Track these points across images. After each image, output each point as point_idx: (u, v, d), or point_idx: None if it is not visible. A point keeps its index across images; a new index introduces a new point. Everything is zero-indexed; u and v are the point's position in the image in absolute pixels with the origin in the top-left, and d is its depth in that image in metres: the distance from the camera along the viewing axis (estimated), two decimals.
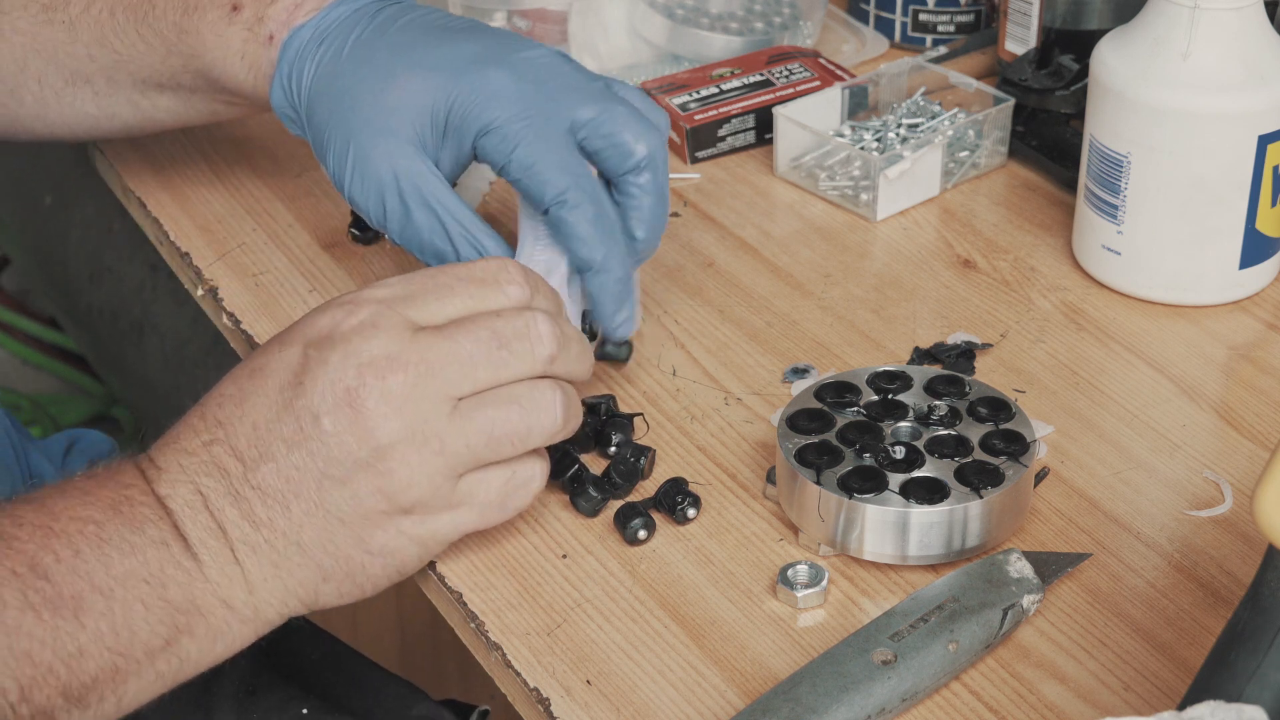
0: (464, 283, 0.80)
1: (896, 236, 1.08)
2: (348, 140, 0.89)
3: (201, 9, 0.96)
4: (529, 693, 0.77)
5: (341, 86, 0.91)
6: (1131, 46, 0.97)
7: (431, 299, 0.79)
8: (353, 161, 0.89)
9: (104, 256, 1.94)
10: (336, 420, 0.76)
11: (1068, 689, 0.77)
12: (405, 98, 0.89)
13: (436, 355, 0.77)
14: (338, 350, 0.77)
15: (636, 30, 1.25)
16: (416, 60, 0.89)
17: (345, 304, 0.79)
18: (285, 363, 0.78)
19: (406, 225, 0.89)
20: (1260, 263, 1.00)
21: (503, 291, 0.80)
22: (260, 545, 0.77)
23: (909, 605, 0.78)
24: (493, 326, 0.79)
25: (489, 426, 0.78)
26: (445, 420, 0.77)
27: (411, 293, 0.79)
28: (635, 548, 0.85)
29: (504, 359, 0.78)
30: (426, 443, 0.77)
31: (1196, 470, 0.89)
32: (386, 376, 0.76)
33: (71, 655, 0.72)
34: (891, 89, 1.16)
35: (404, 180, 0.88)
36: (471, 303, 0.80)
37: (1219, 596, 0.81)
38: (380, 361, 0.77)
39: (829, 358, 0.97)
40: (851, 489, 0.81)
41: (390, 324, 0.78)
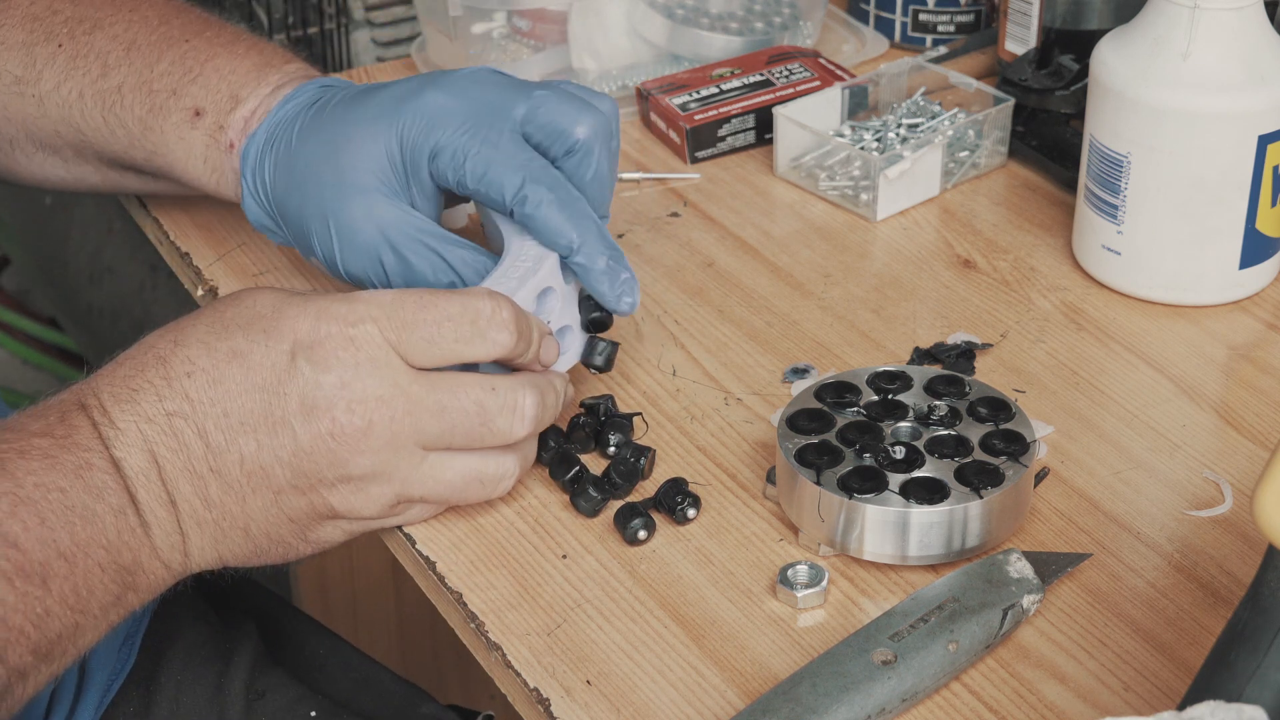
0: (450, 322, 0.80)
1: (896, 236, 1.08)
2: (324, 217, 0.90)
3: (165, 110, 0.96)
4: (529, 693, 0.77)
5: (300, 170, 0.91)
6: (1131, 46, 0.97)
7: (419, 335, 0.80)
8: (336, 234, 0.90)
9: (104, 256, 1.94)
10: (314, 442, 0.79)
11: (1068, 689, 0.77)
12: (359, 153, 0.90)
13: (423, 408, 0.80)
14: (331, 374, 0.79)
15: (636, 30, 1.25)
16: (357, 117, 0.91)
17: (338, 318, 0.79)
18: (270, 361, 0.79)
19: (409, 274, 0.89)
20: (1260, 263, 1.00)
21: (484, 339, 0.81)
22: (207, 522, 0.79)
23: (909, 605, 0.78)
24: (480, 400, 0.81)
25: (450, 488, 0.83)
26: (413, 466, 0.81)
27: (403, 321, 0.80)
28: (635, 548, 0.85)
29: (483, 435, 0.82)
30: (390, 481, 0.81)
31: (1196, 470, 0.89)
32: (373, 417, 0.79)
33: (39, 617, 0.75)
34: (891, 89, 1.16)
35: (391, 231, 0.89)
36: (455, 346, 0.80)
37: (1219, 596, 0.81)
38: (371, 401, 0.79)
39: (829, 358, 0.97)
40: (851, 489, 0.81)
41: (386, 361, 0.79)
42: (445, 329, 0.80)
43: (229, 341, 0.79)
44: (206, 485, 0.79)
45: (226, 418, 0.78)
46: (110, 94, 0.98)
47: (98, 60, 0.98)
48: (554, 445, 0.89)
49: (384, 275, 0.90)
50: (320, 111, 0.92)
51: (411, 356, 0.80)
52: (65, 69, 0.98)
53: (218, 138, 0.95)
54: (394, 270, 0.89)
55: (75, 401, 0.79)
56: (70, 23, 0.99)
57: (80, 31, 0.99)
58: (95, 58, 0.98)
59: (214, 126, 0.95)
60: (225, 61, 0.96)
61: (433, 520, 0.86)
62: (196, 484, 0.79)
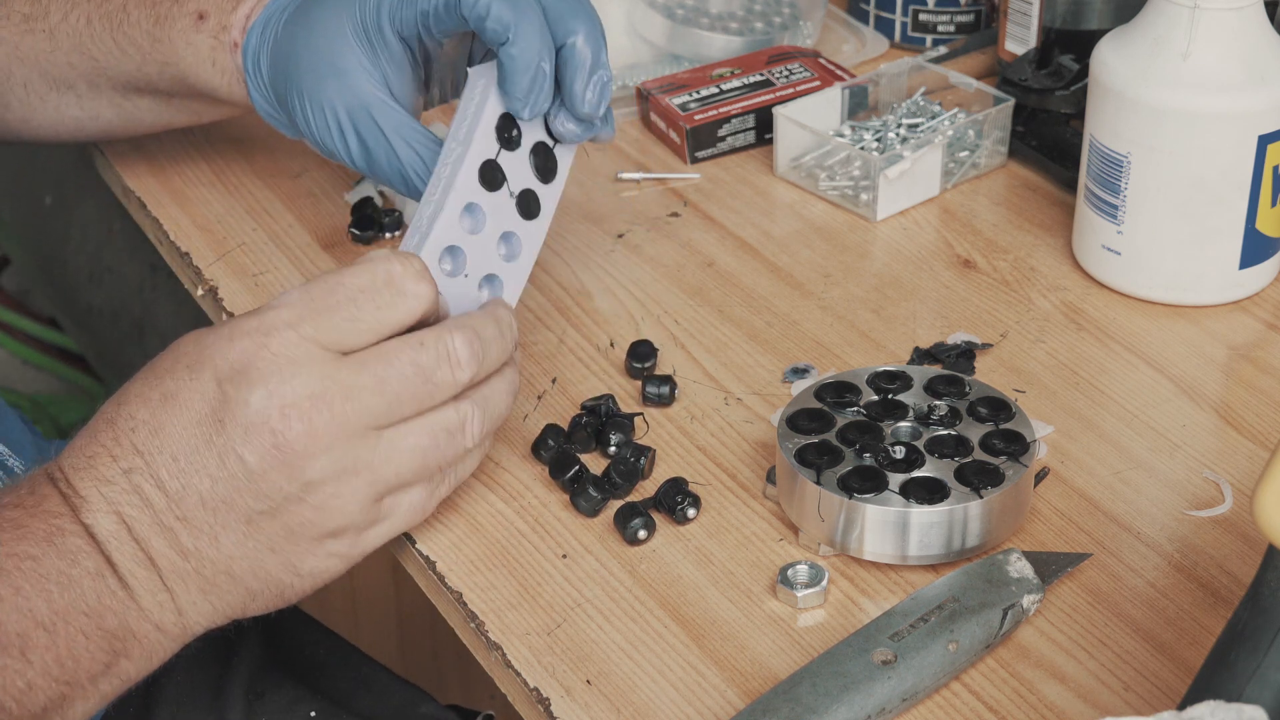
0: (366, 294, 0.78)
1: (896, 236, 1.08)
2: (302, 95, 0.93)
3: (171, 18, 0.99)
4: (529, 693, 0.77)
5: (284, 55, 0.94)
6: (1131, 46, 0.97)
7: (340, 318, 0.77)
8: (311, 112, 0.93)
9: (104, 256, 1.94)
10: (263, 460, 0.76)
11: (1068, 689, 0.77)
12: (330, 29, 0.92)
13: (360, 390, 0.77)
14: (257, 390, 0.76)
15: (636, 30, 1.25)
16: (324, 2, 0.93)
17: (252, 332, 0.77)
18: (200, 394, 0.77)
19: (367, 157, 0.92)
20: (1260, 263, 1.00)
21: (405, 296, 0.79)
22: (189, 574, 0.77)
23: (909, 605, 0.78)
24: (414, 359, 0.78)
25: (418, 456, 0.79)
26: (372, 450, 0.78)
27: (316, 311, 0.77)
28: (635, 548, 0.85)
29: (429, 392, 0.79)
30: (356, 473, 0.78)
31: (1196, 470, 0.89)
32: (312, 417, 0.76)
33: (21, 690, 0.73)
34: (891, 89, 1.16)
35: (355, 114, 0.92)
36: (380, 314, 0.78)
37: (1219, 596, 0.81)
38: (304, 402, 0.76)
39: (829, 358, 0.97)
40: (851, 489, 0.81)
41: (308, 357, 0.77)
42: (363, 302, 0.78)
43: (160, 388, 0.77)
44: (177, 535, 0.76)
45: (176, 462, 0.76)
46: (116, 14, 1.00)
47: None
48: (554, 445, 0.89)
49: (348, 153, 0.93)
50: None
51: (341, 343, 0.77)
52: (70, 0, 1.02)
53: (221, 38, 0.98)
54: (355, 152, 0.93)
55: (43, 475, 0.78)
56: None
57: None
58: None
59: (217, 27, 0.98)
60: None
61: (433, 520, 0.86)
62: (167, 536, 0.76)
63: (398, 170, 0.92)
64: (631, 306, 1.01)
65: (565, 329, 1.00)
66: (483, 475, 0.89)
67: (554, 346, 0.98)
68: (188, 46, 0.99)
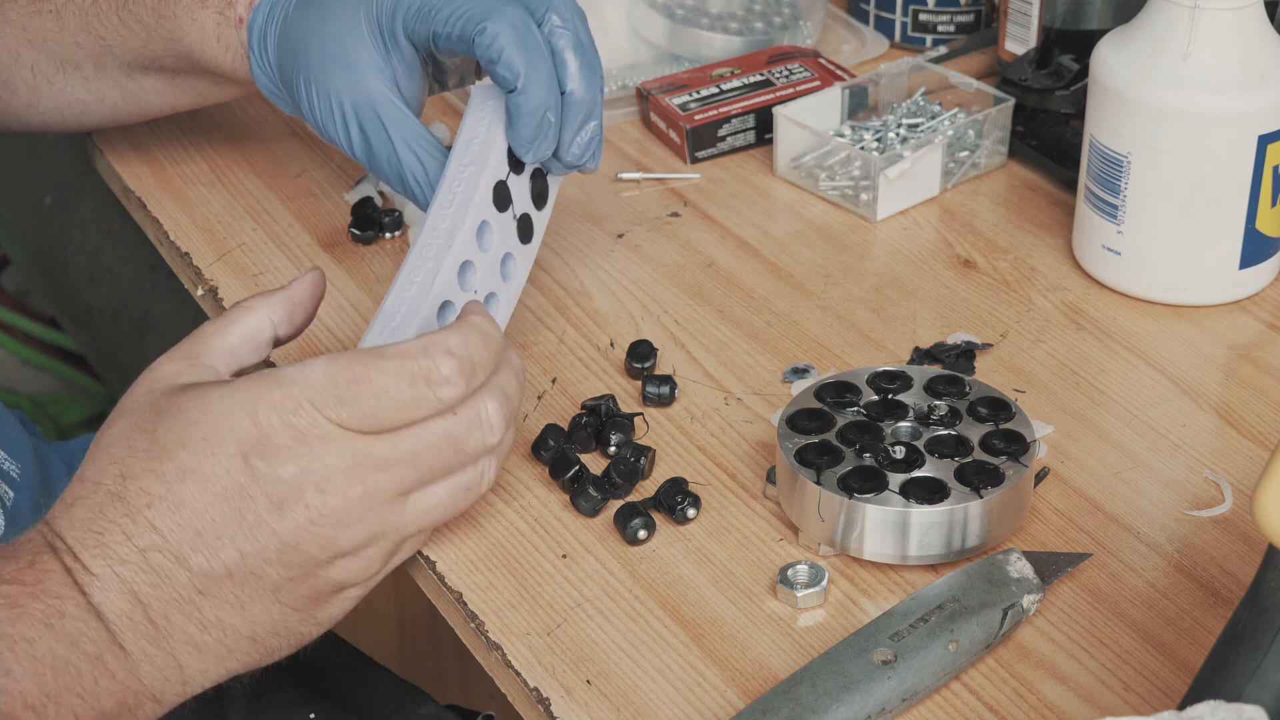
0: (394, 393, 0.76)
1: (896, 236, 1.08)
2: (310, 82, 0.93)
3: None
4: (529, 693, 0.77)
5: (294, 37, 0.95)
6: (1131, 46, 0.97)
7: (364, 410, 0.76)
8: (317, 99, 0.93)
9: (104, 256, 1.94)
10: (298, 532, 0.76)
11: (1068, 689, 0.77)
12: (344, 21, 0.93)
13: (394, 463, 0.77)
14: (288, 465, 0.75)
15: (636, 30, 1.25)
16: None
17: (275, 407, 0.75)
18: (223, 469, 0.75)
19: (368, 153, 0.93)
20: (1260, 263, 1.00)
21: (438, 399, 0.77)
22: (206, 644, 0.76)
23: (909, 605, 0.78)
24: (447, 430, 0.77)
25: (441, 508, 0.80)
26: (400, 514, 0.78)
27: (342, 399, 0.75)
28: (635, 548, 0.85)
29: (459, 460, 0.79)
30: (384, 537, 0.78)
31: (1196, 470, 0.89)
32: (347, 490, 0.76)
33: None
34: (891, 89, 1.16)
35: (361, 109, 0.92)
36: (407, 413, 0.77)
37: (1219, 596, 0.81)
38: (338, 477, 0.76)
39: (829, 358, 0.97)
40: (851, 489, 0.81)
41: (335, 437, 0.75)
42: (385, 402, 0.76)
43: (173, 461, 0.75)
44: (199, 609, 0.75)
45: (201, 537, 0.75)
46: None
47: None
48: (554, 445, 0.89)
49: (350, 146, 0.94)
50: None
51: (362, 427, 0.76)
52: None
53: (226, 14, 0.98)
54: (357, 145, 0.93)
55: (45, 545, 0.75)
56: None
57: None
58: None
59: (223, 3, 0.98)
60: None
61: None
62: (188, 610, 0.75)
63: (397, 171, 0.92)
64: (631, 306, 1.01)
65: (565, 329, 1.00)
66: None
67: (554, 346, 0.98)
68: (192, 22, 0.99)
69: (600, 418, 0.91)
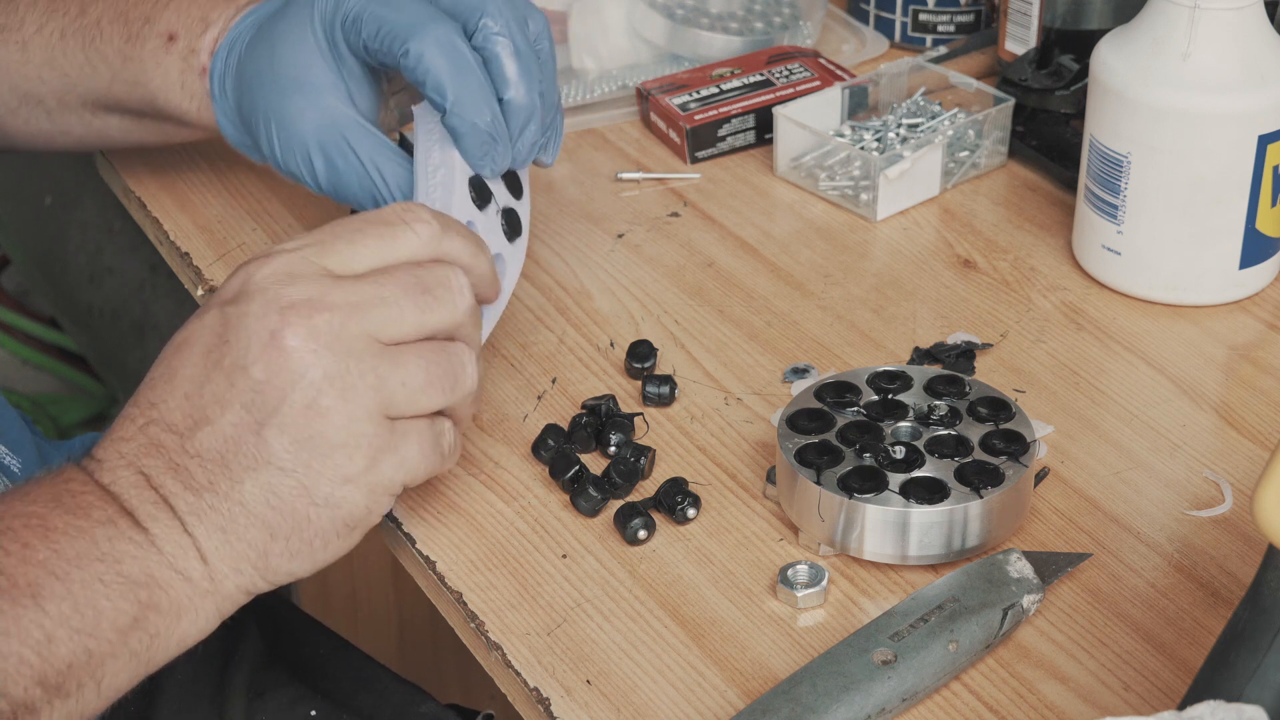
0: (372, 224, 0.79)
1: (896, 236, 1.08)
2: (267, 115, 0.92)
3: (142, 38, 0.98)
4: (529, 693, 0.77)
5: (248, 74, 0.93)
6: (1131, 46, 0.97)
7: (342, 245, 0.78)
8: (276, 133, 0.92)
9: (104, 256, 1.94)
10: (266, 366, 0.75)
11: (1068, 689, 0.77)
12: (292, 45, 0.91)
13: (361, 297, 0.76)
14: (255, 300, 0.76)
15: (636, 30, 1.25)
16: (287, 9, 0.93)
17: (253, 260, 0.78)
18: (206, 327, 0.77)
19: (335, 179, 0.92)
20: (1260, 263, 1.00)
21: (412, 230, 0.79)
22: (205, 511, 0.75)
23: (909, 605, 0.78)
24: (415, 274, 0.78)
25: (423, 369, 0.77)
26: (376, 358, 0.76)
27: (320, 240, 0.78)
28: (635, 548, 0.85)
29: (429, 304, 0.78)
30: (361, 378, 0.76)
31: (1196, 470, 0.89)
32: (312, 316, 0.75)
33: (40, 643, 0.70)
34: (891, 89, 1.16)
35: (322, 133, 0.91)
36: (383, 244, 0.78)
37: (1219, 596, 0.81)
38: (302, 304, 0.75)
39: (829, 358, 0.97)
40: (851, 489, 0.81)
41: (307, 270, 0.77)
42: (367, 231, 0.78)
43: (173, 341, 0.78)
44: (191, 473, 0.75)
45: (188, 400, 0.76)
46: (90, 29, 0.99)
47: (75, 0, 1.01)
48: (554, 445, 0.89)
49: (315, 177, 0.92)
50: (262, 19, 0.95)
51: (337, 268, 0.77)
52: (46, 12, 1.01)
53: (190, 62, 0.97)
54: (322, 174, 0.92)
55: (70, 462, 0.77)
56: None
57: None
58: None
59: (187, 50, 0.97)
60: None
61: (432, 520, 0.86)
62: (181, 476, 0.75)
63: (369, 192, 0.91)
64: (631, 306, 1.01)
65: (565, 329, 1.00)
66: (482, 475, 0.89)
67: (554, 346, 0.98)
68: (157, 68, 0.98)
69: (600, 418, 0.91)
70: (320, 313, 0.76)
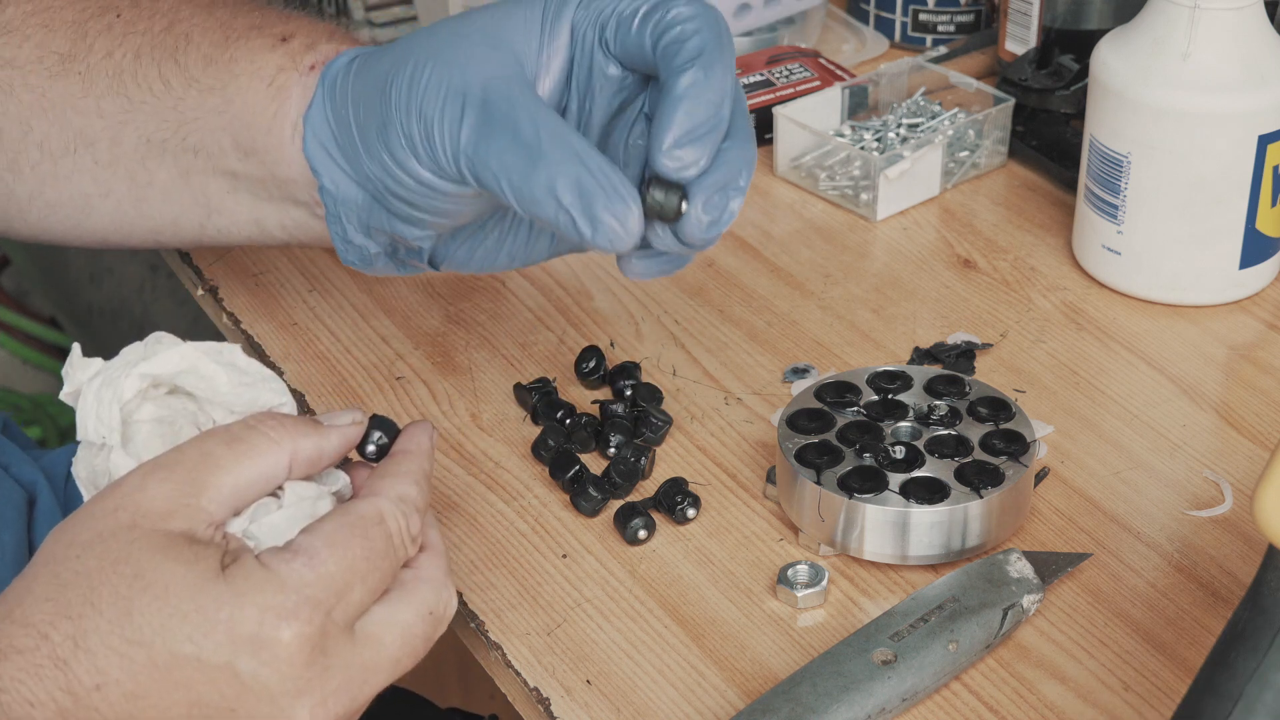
0: (379, 560, 0.69)
1: (896, 236, 1.08)
2: (419, 58, 0.74)
3: (244, 39, 0.83)
4: (529, 692, 0.77)
5: (399, 50, 0.77)
6: (1131, 46, 0.97)
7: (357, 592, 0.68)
8: (428, 71, 0.73)
9: (104, 256, 1.94)
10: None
11: (1068, 689, 0.77)
12: (496, 9, 0.75)
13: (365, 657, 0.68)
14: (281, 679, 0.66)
15: None
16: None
17: (274, 609, 0.65)
18: (209, 679, 0.65)
19: (482, 149, 0.72)
20: (1260, 263, 1.00)
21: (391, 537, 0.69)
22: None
23: (909, 605, 0.78)
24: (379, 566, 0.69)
25: (406, 629, 0.70)
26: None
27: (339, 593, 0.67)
28: (635, 548, 0.85)
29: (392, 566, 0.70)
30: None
31: (1196, 470, 0.89)
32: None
33: None
34: (891, 89, 1.16)
35: (496, 88, 0.72)
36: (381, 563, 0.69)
37: (1219, 596, 0.81)
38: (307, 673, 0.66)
39: (829, 358, 0.97)
40: (852, 489, 0.81)
41: (337, 647, 0.67)
42: (377, 571, 0.68)
43: (147, 651, 0.64)
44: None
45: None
46: (177, 40, 0.84)
47: (164, 17, 0.86)
48: (554, 445, 0.89)
49: (445, 142, 0.73)
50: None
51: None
52: (122, 33, 0.86)
53: (298, 60, 0.81)
54: (466, 137, 0.72)
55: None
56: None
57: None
58: (161, 15, 0.86)
59: (301, 48, 0.82)
60: (318, 20, 0.85)
61: (432, 519, 0.86)
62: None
63: (547, 187, 0.71)
64: (631, 306, 1.01)
65: (565, 329, 1.00)
66: (482, 475, 0.89)
67: (554, 346, 0.98)
68: (249, 64, 0.82)
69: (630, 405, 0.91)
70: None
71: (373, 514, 0.68)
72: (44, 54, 0.87)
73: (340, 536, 0.67)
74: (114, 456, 0.70)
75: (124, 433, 0.71)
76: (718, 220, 0.73)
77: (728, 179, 0.73)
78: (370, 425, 0.73)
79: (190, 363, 0.72)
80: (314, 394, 0.95)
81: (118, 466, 0.70)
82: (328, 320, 1.00)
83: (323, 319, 1.00)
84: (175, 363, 0.72)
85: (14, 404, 2.07)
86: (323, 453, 0.71)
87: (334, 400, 0.94)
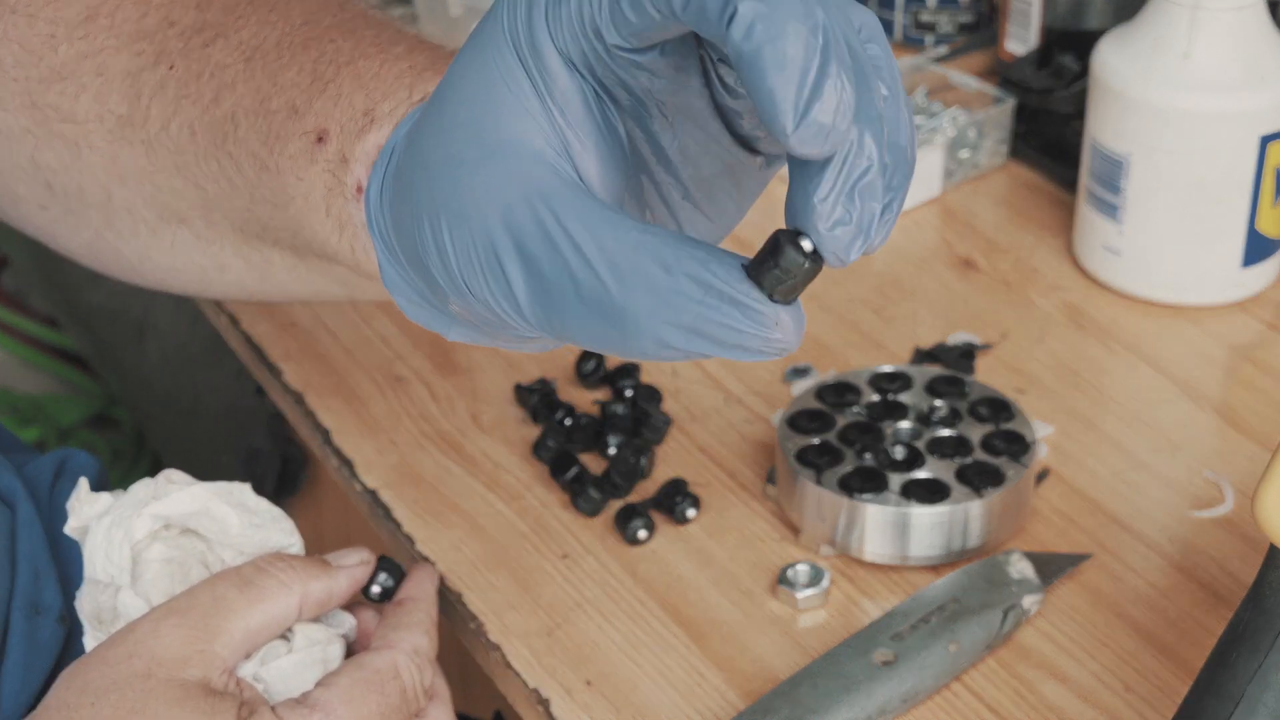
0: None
1: (897, 236, 1.08)
2: (433, 211, 0.56)
3: (283, 138, 0.67)
4: (529, 693, 0.77)
5: (405, 170, 0.59)
6: (1132, 46, 0.97)
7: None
8: (448, 233, 0.55)
9: None
10: None
11: (1068, 689, 0.77)
12: (471, 88, 0.55)
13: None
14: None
15: None
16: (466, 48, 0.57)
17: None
18: None
19: (542, 292, 0.53)
20: (1261, 263, 1.00)
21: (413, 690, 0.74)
22: None
23: (910, 606, 0.78)
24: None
25: None
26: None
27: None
28: (635, 548, 0.85)
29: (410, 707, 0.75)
30: None
31: (1197, 470, 0.89)
32: None
33: None
34: None
35: (515, 215, 0.53)
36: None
37: (1220, 597, 0.81)
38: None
39: (829, 358, 0.97)
40: (852, 489, 0.81)
41: None
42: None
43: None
44: None
45: None
46: (223, 124, 0.69)
47: (212, 80, 0.70)
48: (554, 445, 0.89)
49: (513, 298, 0.54)
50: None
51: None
52: (175, 100, 0.71)
53: (341, 177, 0.64)
54: (521, 288, 0.54)
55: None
56: (187, 34, 0.71)
57: (197, 45, 0.71)
58: (210, 77, 0.70)
59: (338, 159, 0.64)
60: (372, 64, 0.65)
61: (432, 520, 0.86)
62: None
63: (606, 312, 0.52)
64: None
65: None
66: (482, 475, 0.89)
67: None
68: (298, 184, 0.66)
69: (631, 404, 0.91)
70: None
71: (388, 668, 0.71)
72: (103, 112, 0.74)
73: (356, 693, 0.70)
74: (122, 596, 0.72)
75: (133, 571, 0.72)
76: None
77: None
78: (376, 567, 0.77)
79: (202, 504, 0.73)
80: (314, 394, 0.95)
81: (126, 605, 0.72)
82: (328, 320, 1.00)
83: (323, 319, 1.00)
84: (187, 504, 0.73)
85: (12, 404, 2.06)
86: (332, 595, 0.73)
87: (334, 400, 0.94)
